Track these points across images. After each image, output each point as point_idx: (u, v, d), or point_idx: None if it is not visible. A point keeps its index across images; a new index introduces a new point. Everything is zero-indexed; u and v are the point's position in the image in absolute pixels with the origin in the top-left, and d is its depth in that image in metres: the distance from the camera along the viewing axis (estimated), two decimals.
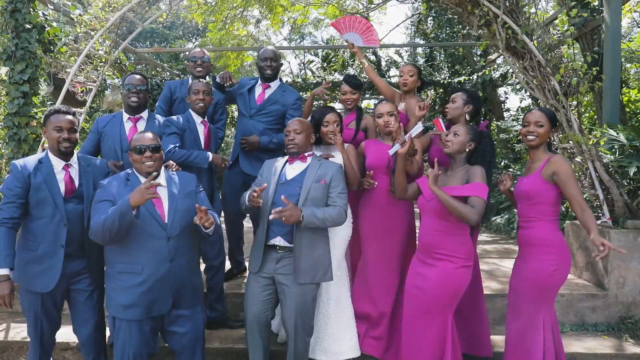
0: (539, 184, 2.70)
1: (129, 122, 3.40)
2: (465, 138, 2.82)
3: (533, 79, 3.99)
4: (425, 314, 2.82)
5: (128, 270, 2.60)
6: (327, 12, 12.50)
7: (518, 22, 3.85)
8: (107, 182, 2.69)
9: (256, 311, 2.90)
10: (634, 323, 3.77)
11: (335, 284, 3.29)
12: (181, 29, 18.67)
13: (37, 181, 2.70)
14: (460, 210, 2.60)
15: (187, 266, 2.73)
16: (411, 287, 2.94)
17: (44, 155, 2.80)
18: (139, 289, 2.57)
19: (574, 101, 3.84)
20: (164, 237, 2.61)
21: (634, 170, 3.65)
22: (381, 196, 3.30)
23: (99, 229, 2.46)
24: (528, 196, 2.73)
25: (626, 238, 3.81)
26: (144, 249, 2.58)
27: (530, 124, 2.76)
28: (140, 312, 2.58)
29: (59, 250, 2.73)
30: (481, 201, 2.63)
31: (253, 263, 2.94)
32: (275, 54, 3.90)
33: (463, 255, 2.76)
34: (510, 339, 2.87)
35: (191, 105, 3.51)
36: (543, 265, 2.65)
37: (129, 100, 3.35)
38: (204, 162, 3.38)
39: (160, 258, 2.60)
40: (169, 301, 2.66)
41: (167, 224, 2.63)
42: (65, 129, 2.75)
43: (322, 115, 3.29)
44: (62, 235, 2.73)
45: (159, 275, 2.59)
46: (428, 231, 2.85)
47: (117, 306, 2.61)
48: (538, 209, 2.69)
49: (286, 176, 2.97)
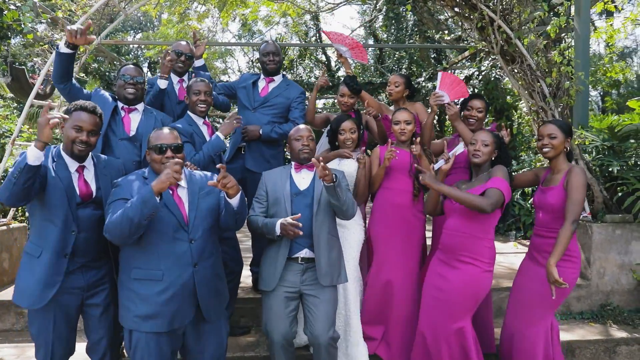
0: (563, 197, 2.74)
1: (122, 111, 3.13)
2: (493, 147, 2.88)
3: (522, 82, 4.19)
4: (448, 316, 2.83)
5: (146, 277, 2.36)
6: (278, 10, 12.38)
7: (511, 27, 4.02)
8: (123, 180, 2.45)
9: (283, 331, 2.76)
10: (613, 309, 4.08)
11: (353, 287, 3.26)
12: (122, 21, 17.58)
13: (52, 178, 2.39)
14: (471, 201, 2.64)
15: (211, 271, 2.53)
16: (431, 287, 2.95)
17: (56, 151, 2.48)
18: (159, 297, 2.34)
19: (561, 103, 4.07)
20: (185, 240, 2.41)
21: (617, 168, 3.95)
22: (400, 197, 3.31)
23: (117, 222, 2.21)
24: (553, 209, 2.78)
25: (606, 231, 4.12)
26: (164, 253, 2.36)
27: (544, 137, 2.84)
28: (161, 324, 2.34)
29: (62, 260, 2.42)
30: (497, 192, 2.67)
31: (269, 280, 2.80)
32: (277, 48, 3.79)
33: (487, 260, 2.80)
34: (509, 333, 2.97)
35: (191, 107, 3.27)
36: (566, 273, 2.72)
37: (125, 92, 3.09)
38: (220, 145, 3.21)
39: (182, 262, 2.39)
40: (192, 311, 2.44)
41: (189, 225, 2.43)
42: (86, 130, 2.44)
43: (338, 124, 3.31)
44: (68, 244, 2.43)
45: (181, 281, 2.37)
46: (452, 233, 2.87)
47: (134, 318, 2.36)
48: (563, 221, 2.72)
49: (298, 186, 2.89)
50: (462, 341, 2.83)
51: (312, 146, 2.91)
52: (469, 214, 2.77)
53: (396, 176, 3.31)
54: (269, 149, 3.72)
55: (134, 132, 3.12)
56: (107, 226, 2.26)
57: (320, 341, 2.75)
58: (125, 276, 2.42)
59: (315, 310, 2.79)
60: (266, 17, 13.25)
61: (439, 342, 2.87)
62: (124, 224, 2.20)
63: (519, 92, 4.29)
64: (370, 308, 3.35)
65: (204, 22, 10.81)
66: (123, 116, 3.13)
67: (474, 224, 2.79)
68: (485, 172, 2.90)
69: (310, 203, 2.84)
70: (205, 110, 3.28)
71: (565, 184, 2.74)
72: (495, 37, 4.03)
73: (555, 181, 2.83)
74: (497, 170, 2.81)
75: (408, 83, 3.76)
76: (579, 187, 2.69)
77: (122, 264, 2.46)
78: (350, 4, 12.46)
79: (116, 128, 3.08)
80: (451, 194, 2.72)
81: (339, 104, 3.76)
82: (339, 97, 3.73)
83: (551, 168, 2.91)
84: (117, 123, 3.10)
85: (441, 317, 2.86)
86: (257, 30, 15.12)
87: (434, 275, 2.96)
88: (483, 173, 2.90)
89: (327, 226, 2.87)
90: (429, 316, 2.94)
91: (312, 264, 2.82)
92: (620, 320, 3.96)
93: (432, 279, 2.96)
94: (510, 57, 4.16)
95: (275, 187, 2.88)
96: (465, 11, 4.01)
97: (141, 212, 2.18)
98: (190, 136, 3.16)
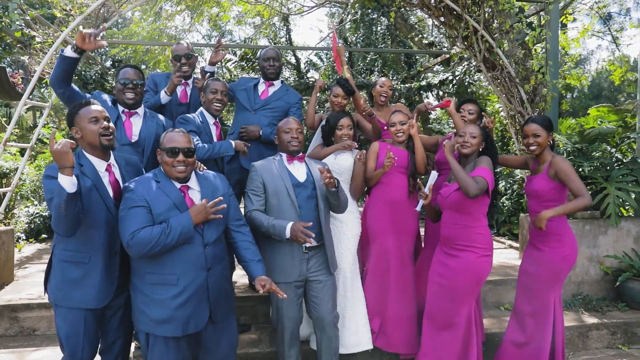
0: (546, 183, 3.06)
1: (123, 115, 3.12)
2: (481, 139, 3.11)
3: (500, 88, 4.49)
4: (451, 301, 3.06)
5: (161, 282, 2.38)
6: (252, 11, 12.37)
7: (493, 37, 4.30)
8: (134, 185, 2.41)
9: (294, 316, 2.95)
10: (583, 298, 4.45)
11: (350, 278, 3.41)
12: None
13: (86, 185, 2.36)
14: (464, 180, 2.87)
15: (222, 275, 2.60)
16: (435, 274, 3.16)
17: (80, 156, 2.44)
18: (173, 301, 2.37)
19: (537, 108, 4.40)
20: (200, 244, 2.45)
21: (588, 169, 4.31)
22: (396, 192, 3.49)
23: (146, 242, 2.25)
24: (538, 195, 3.10)
25: (577, 227, 4.47)
26: (179, 257, 2.39)
27: (529, 136, 3.11)
28: (175, 328, 2.38)
29: (113, 258, 2.46)
30: (481, 179, 2.90)
31: (291, 272, 2.91)
32: (277, 54, 3.89)
33: (482, 245, 3.04)
34: (519, 319, 3.23)
35: (206, 104, 3.33)
36: (556, 253, 3.05)
37: (124, 96, 3.07)
38: (229, 151, 3.27)
39: (197, 267, 2.43)
40: (206, 315, 2.49)
41: (204, 230, 2.47)
42: (102, 118, 2.44)
43: (337, 120, 3.44)
44: (117, 242, 2.45)
45: (195, 286, 2.42)
46: (448, 225, 3.10)
47: (150, 321, 2.38)
48: (548, 205, 3.04)
49: (297, 178, 3.00)
50: (467, 325, 3.05)
51: (300, 139, 3.04)
52: (459, 207, 3.00)
53: (393, 173, 3.47)
54: (267, 149, 3.80)
55: (137, 137, 3.12)
56: (133, 243, 2.27)
57: (326, 321, 2.98)
58: (139, 280, 2.43)
59: (321, 294, 2.96)
60: (238, 16, 13.17)
61: (445, 327, 3.07)
62: (156, 247, 2.27)
63: (498, 97, 4.58)
64: (369, 300, 3.50)
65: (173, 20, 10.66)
66: (124, 121, 3.11)
67: (464, 215, 3.02)
68: (472, 162, 3.13)
69: (311, 194, 2.97)
70: (220, 110, 3.35)
71: (550, 172, 3.04)
72: (479, 46, 4.30)
73: (540, 171, 3.13)
74: (482, 161, 3.04)
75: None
76: (569, 169, 2.99)
77: (135, 267, 2.47)
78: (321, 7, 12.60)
79: (118, 134, 3.02)
80: (454, 167, 2.97)
81: (332, 104, 3.88)
82: (333, 98, 3.85)
83: (537, 160, 3.20)
84: (118, 128, 3.06)
85: (446, 302, 3.07)
86: (228, 31, 14.99)
87: (438, 264, 3.17)
88: (470, 164, 3.13)
89: (328, 217, 3.05)
90: (435, 302, 3.14)
91: (315, 252, 2.97)
92: (591, 308, 4.33)
93: (436, 268, 3.18)
94: (491, 64, 4.45)
95: (272, 178, 2.94)
96: (451, 21, 4.25)
97: (177, 240, 2.31)
98: (198, 129, 3.22)
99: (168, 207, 2.38)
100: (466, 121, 3.54)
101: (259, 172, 2.95)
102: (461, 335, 3.06)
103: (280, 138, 3.06)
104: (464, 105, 3.63)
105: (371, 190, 3.60)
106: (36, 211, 6.19)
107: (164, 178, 2.48)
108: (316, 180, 3.01)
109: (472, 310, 3.08)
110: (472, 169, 3.04)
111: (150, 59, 10.50)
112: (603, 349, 4.01)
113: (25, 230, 5.96)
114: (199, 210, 2.36)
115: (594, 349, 4.00)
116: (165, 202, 2.39)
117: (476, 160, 3.10)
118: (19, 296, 3.84)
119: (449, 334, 3.07)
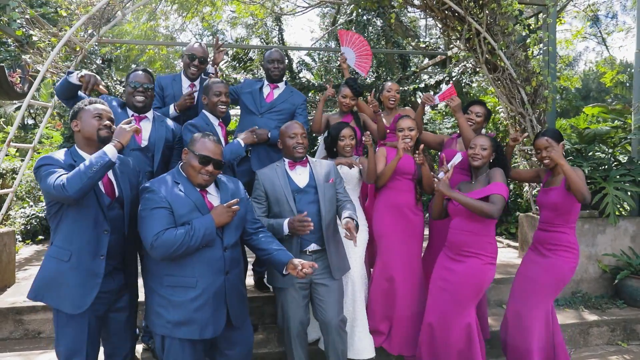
0: (564, 196, 3.07)
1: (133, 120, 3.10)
2: (491, 150, 3.15)
3: (502, 89, 4.55)
4: (455, 305, 3.09)
5: (180, 284, 2.38)
6: (246, 12, 12.33)
7: (495, 39, 4.37)
8: (154, 185, 2.41)
9: (300, 318, 2.97)
10: (582, 296, 4.54)
11: (359, 283, 3.44)
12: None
13: None
14: (481, 208, 2.89)
15: (239, 278, 2.63)
16: (439, 279, 3.19)
17: (73, 153, 2.41)
18: (192, 304, 2.37)
19: (538, 109, 4.47)
20: (220, 247, 2.46)
21: (588, 169, 4.39)
22: (403, 197, 3.53)
23: (170, 244, 2.25)
24: (556, 207, 3.11)
25: (576, 226, 4.53)
26: (199, 260, 2.39)
27: (542, 150, 3.14)
28: (194, 331, 2.38)
29: (98, 261, 2.37)
30: (501, 198, 2.95)
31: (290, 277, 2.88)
32: (282, 55, 3.89)
33: (489, 254, 3.08)
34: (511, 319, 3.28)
35: (210, 107, 3.30)
36: (565, 263, 3.09)
37: (134, 99, 3.07)
38: (240, 151, 3.26)
39: (216, 270, 2.44)
40: (224, 319, 2.48)
41: (224, 233, 2.47)
42: (106, 118, 2.44)
43: (338, 131, 3.48)
44: (103, 245, 2.38)
45: (214, 288, 2.43)
46: (458, 231, 3.12)
47: (166, 324, 2.38)
48: (564, 218, 3.10)
49: (297, 183, 3.00)
50: (468, 329, 3.09)
51: (305, 144, 3.02)
52: (471, 214, 3.02)
53: (400, 178, 3.52)
54: (275, 152, 3.81)
55: (146, 142, 3.11)
56: (157, 243, 2.26)
57: (332, 325, 2.98)
58: (155, 282, 2.42)
59: (326, 298, 2.97)
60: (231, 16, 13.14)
61: (447, 331, 3.11)
62: (180, 249, 2.27)
63: (499, 99, 4.64)
64: (377, 304, 3.53)
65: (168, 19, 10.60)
66: None
67: (476, 223, 3.05)
68: (484, 173, 3.16)
69: (313, 199, 2.96)
70: (225, 111, 3.34)
71: (566, 184, 3.03)
72: (481, 48, 4.36)
73: (557, 182, 3.14)
74: (496, 175, 3.05)
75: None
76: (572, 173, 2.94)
77: (151, 269, 2.45)
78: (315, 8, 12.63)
79: None
80: (462, 200, 2.94)
81: (340, 104, 3.92)
82: (341, 98, 3.88)
83: (551, 171, 3.22)
84: None
85: (448, 307, 3.10)
86: (220, 30, 14.93)
87: (441, 268, 3.20)
88: (482, 175, 3.16)
89: (333, 222, 3.04)
90: (436, 307, 3.17)
91: (320, 255, 2.98)
92: (590, 305, 4.41)
93: (439, 272, 3.20)
94: (492, 66, 4.51)
95: (273, 186, 2.94)
96: (454, 23, 4.30)
97: (201, 241, 2.32)
98: None
99: (190, 209, 2.38)
100: (474, 123, 3.57)
101: (260, 180, 2.98)
102: (462, 339, 3.09)
103: (284, 143, 3.03)
104: (471, 107, 3.65)
105: (379, 195, 3.62)
106: (32, 212, 6.11)
107: (184, 180, 2.48)
108: (319, 184, 2.99)
109: (473, 315, 3.12)
110: (485, 182, 3.07)
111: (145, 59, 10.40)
112: (603, 345, 4.09)
113: (21, 231, 5.87)
114: (221, 212, 2.37)
115: (594, 346, 4.08)
116: (187, 204, 2.39)
117: (489, 172, 3.12)
118: (22, 298, 3.79)
119: (449, 338, 3.10)
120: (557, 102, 11.49)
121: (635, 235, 4.68)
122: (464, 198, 2.95)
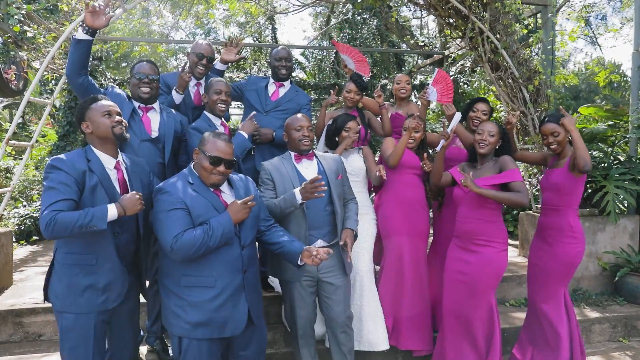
0: (567, 176, 3.10)
1: (140, 111, 3.07)
2: (498, 137, 3.15)
3: (504, 88, 4.57)
4: (473, 296, 3.10)
5: (198, 284, 2.35)
6: (240, 10, 12.27)
7: (498, 38, 4.38)
8: (170, 186, 2.37)
9: (307, 315, 2.96)
10: (583, 293, 4.58)
11: (367, 277, 3.43)
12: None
13: (92, 182, 2.27)
14: (511, 199, 2.92)
15: (255, 277, 2.61)
16: (454, 272, 3.19)
17: (88, 152, 2.36)
18: (211, 304, 2.35)
19: (540, 108, 4.49)
20: (238, 246, 2.44)
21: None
22: (411, 192, 3.53)
23: (190, 245, 2.23)
24: (557, 187, 3.14)
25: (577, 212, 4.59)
26: (217, 260, 2.37)
27: (548, 136, 3.16)
28: (213, 331, 2.36)
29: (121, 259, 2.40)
30: (521, 184, 2.97)
31: (297, 270, 2.86)
32: (289, 53, 3.86)
33: (502, 240, 3.10)
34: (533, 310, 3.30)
35: (210, 106, 3.23)
36: (571, 248, 3.12)
37: (140, 90, 3.02)
38: (246, 144, 3.23)
39: (234, 269, 2.42)
40: (244, 317, 2.46)
41: (241, 231, 2.46)
42: (114, 113, 2.40)
43: (344, 123, 3.48)
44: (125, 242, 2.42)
45: (232, 287, 2.40)
46: (467, 220, 3.12)
47: (185, 325, 2.34)
48: (565, 199, 3.13)
49: (305, 177, 2.96)
50: (490, 316, 3.10)
51: (311, 137, 2.99)
52: (478, 201, 3.03)
53: (407, 173, 3.52)
54: (280, 152, 3.77)
55: (156, 133, 3.07)
56: (177, 245, 2.22)
57: (339, 321, 2.97)
58: (172, 283, 2.39)
59: (333, 295, 2.95)
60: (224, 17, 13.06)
61: (469, 320, 3.11)
62: (200, 250, 2.25)
63: (501, 98, 4.66)
64: (383, 299, 3.52)
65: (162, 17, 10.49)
66: (142, 116, 3.06)
67: (483, 210, 3.06)
68: (490, 160, 3.17)
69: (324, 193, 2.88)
70: (225, 110, 3.28)
71: (570, 166, 3.07)
72: (484, 47, 4.37)
73: (561, 165, 3.18)
74: (508, 162, 3.07)
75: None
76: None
77: (167, 270, 2.42)
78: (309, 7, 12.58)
79: (137, 129, 3.00)
80: (491, 195, 2.93)
81: (345, 99, 3.90)
82: (346, 93, 3.86)
83: (557, 156, 3.26)
84: (137, 123, 3.01)
85: (467, 298, 3.11)
86: (213, 29, 14.84)
87: (454, 260, 3.20)
88: (489, 162, 3.16)
89: (342, 217, 3.00)
90: (455, 298, 3.17)
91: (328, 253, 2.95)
92: (591, 303, 4.45)
93: (453, 265, 3.20)
94: (494, 65, 4.52)
95: (282, 178, 2.90)
96: (457, 22, 4.30)
97: (220, 240, 2.29)
98: None
99: (206, 208, 2.36)
100: (480, 121, 3.57)
101: (268, 170, 2.94)
102: (484, 329, 3.11)
103: (290, 136, 2.99)
104: (476, 105, 3.65)
105: (386, 189, 3.61)
106: (26, 212, 5.99)
107: (197, 180, 2.45)
108: (329, 176, 2.96)
109: (493, 303, 3.13)
110: (494, 169, 3.07)
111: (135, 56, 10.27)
112: (605, 342, 4.13)
113: (15, 232, 5.75)
114: (238, 209, 2.34)
115: (596, 342, 4.12)
116: (203, 204, 2.36)
117: (498, 160, 3.12)
118: (21, 300, 3.71)
119: (472, 329, 3.11)
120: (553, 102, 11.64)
121: (634, 233, 4.73)
122: (493, 193, 2.93)
